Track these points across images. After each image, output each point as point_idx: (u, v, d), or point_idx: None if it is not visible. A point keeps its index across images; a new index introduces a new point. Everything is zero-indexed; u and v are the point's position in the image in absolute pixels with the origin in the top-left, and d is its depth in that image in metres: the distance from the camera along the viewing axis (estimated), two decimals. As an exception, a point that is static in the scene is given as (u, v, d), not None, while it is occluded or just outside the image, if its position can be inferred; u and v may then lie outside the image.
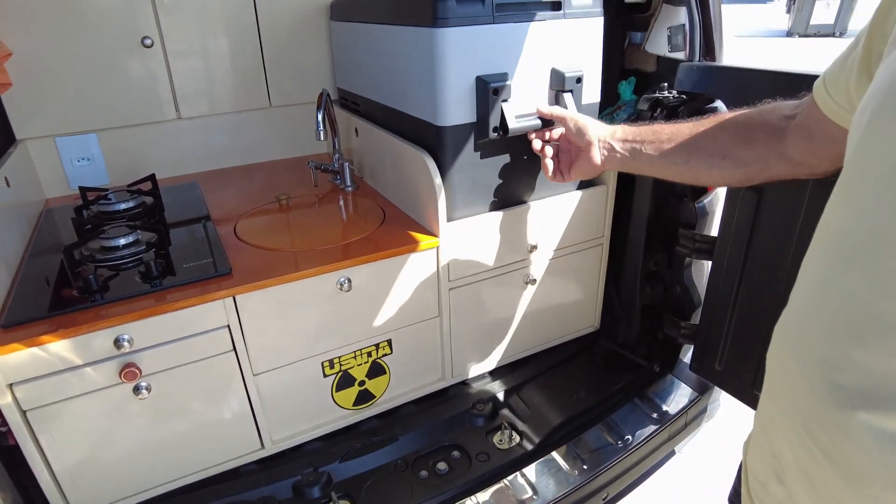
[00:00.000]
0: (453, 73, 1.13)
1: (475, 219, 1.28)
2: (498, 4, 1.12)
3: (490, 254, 1.34)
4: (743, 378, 1.36)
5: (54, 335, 0.97)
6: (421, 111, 1.23)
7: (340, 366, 1.28)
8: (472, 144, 1.21)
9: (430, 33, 1.11)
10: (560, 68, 1.23)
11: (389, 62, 1.34)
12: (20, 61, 1.41)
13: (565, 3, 1.20)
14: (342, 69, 1.73)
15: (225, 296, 1.08)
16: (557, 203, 1.39)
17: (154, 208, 1.40)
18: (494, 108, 1.16)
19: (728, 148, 0.86)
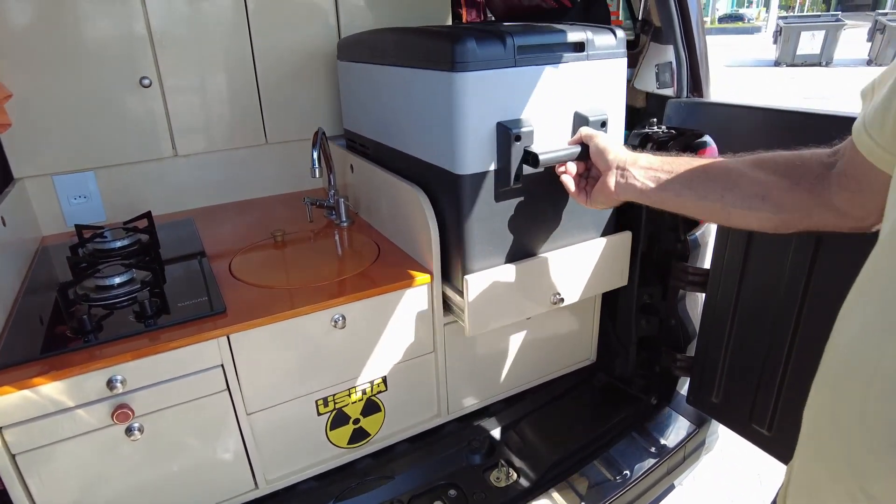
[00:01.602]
0: (473, 120, 1.07)
1: (495, 271, 1.21)
2: (520, 47, 1.06)
3: (513, 306, 1.27)
4: (740, 411, 1.35)
5: (47, 377, 0.96)
6: (438, 158, 1.17)
7: (335, 404, 1.27)
8: (493, 193, 1.15)
9: (449, 78, 1.05)
10: (584, 112, 1.17)
11: (403, 106, 1.27)
12: (19, 100, 1.43)
13: (588, 44, 1.14)
14: (350, 111, 1.66)
15: (219, 335, 1.08)
16: (581, 251, 1.31)
17: (149, 246, 1.40)
18: (516, 155, 1.10)
19: (768, 190, 0.78)
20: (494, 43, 1.05)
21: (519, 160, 1.10)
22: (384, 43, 1.34)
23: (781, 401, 1.26)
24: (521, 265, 1.23)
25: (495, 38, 1.05)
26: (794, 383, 1.23)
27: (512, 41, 1.06)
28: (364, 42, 1.47)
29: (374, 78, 1.40)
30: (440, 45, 1.07)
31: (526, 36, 1.08)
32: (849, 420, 0.48)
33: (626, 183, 0.95)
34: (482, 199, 1.14)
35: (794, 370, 1.22)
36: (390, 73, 1.30)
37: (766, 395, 1.28)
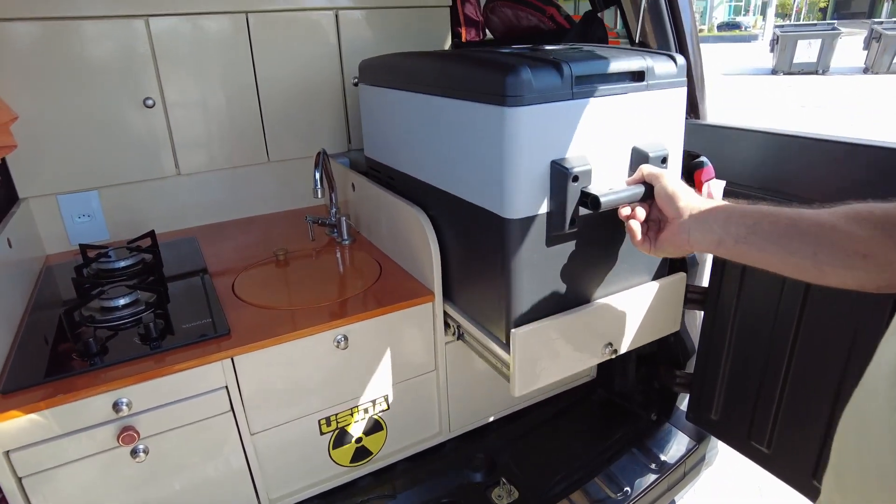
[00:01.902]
0: (525, 159, 0.95)
1: (546, 323, 1.08)
2: (578, 77, 0.95)
3: (563, 360, 1.13)
4: (739, 428, 1.36)
5: (54, 400, 0.97)
6: (483, 199, 1.04)
7: (337, 423, 1.28)
8: (544, 238, 1.02)
9: (500, 113, 0.93)
10: (643, 147, 1.05)
11: (442, 139, 1.14)
12: (24, 121, 1.44)
13: (648, 72, 1.03)
14: (373, 138, 1.52)
15: (223, 357, 1.09)
16: (634, 296, 1.19)
17: (153, 266, 1.42)
18: (572, 196, 0.98)
19: (871, 247, 0.70)
20: (551, 73, 0.93)
21: (575, 202, 0.99)
22: (421, 69, 1.21)
23: (780, 418, 1.27)
24: (573, 315, 1.10)
25: (552, 68, 0.94)
26: (792, 401, 1.24)
27: (570, 70, 0.94)
28: (395, 66, 1.33)
29: (407, 106, 1.26)
30: (490, 76, 0.95)
31: (584, 64, 0.96)
32: (891, 456, 0.46)
33: (702, 235, 0.86)
34: (532, 244, 1.01)
35: (792, 388, 1.23)
36: (427, 102, 1.16)
37: (764, 413, 1.29)
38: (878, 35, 12.09)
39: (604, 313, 1.15)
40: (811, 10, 40.34)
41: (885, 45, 11.84)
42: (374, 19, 1.85)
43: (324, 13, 1.77)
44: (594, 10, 1.56)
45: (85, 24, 1.48)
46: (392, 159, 1.41)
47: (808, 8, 39.64)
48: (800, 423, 1.23)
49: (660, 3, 1.41)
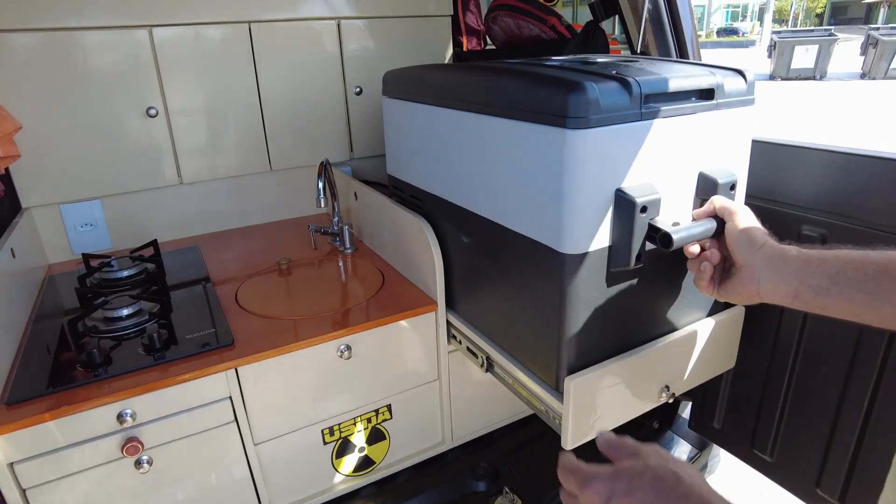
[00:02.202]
0: (589, 187, 0.85)
1: (603, 369, 0.97)
2: (647, 95, 0.85)
3: (619, 407, 1.03)
4: (741, 436, 1.36)
5: (59, 412, 0.97)
6: (536, 231, 0.93)
7: (340, 433, 1.28)
8: (604, 276, 0.92)
9: (561, 136, 0.82)
10: (710, 173, 0.95)
11: (486, 162, 1.03)
12: (27, 131, 1.45)
13: (718, 90, 0.93)
14: (398, 156, 1.39)
15: (228, 368, 1.09)
16: (691, 335, 1.09)
17: (156, 275, 1.42)
18: (640, 229, 0.88)
19: None
20: (618, 90, 0.83)
21: (643, 236, 0.89)
22: (463, 83, 1.08)
23: (782, 426, 1.27)
24: (632, 358, 1.00)
25: (619, 85, 0.84)
26: (794, 409, 1.25)
27: (639, 88, 0.84)
28: (429, 79, 1.20)
29: (442, 123, 1.14)
30: (549, 93, 0.84)
31: (653, 80, 0.86)
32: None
33: (774, 286, 0.78)
34: (591, 282, 0.91)
35: (795, 396, 1.23)
36: (469, 120, 1.04)
37: (767, 421, 1.30)
38: (874, 41, 12.17)
39: (662, 354, 1.05)
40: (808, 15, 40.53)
41: (881, 51, 11.91)
42: (375, 29, 1.86)
43: (326, 23, 1.77)
44: (595, 20, 1.57)
45: (88, 34, 1.49)
46: (420, 179, 1.30)
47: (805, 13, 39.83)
48: (803, 431, 1.24)
49: (661, 12, 1.42)
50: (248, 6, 1.65)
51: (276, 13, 1.70)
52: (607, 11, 1.54)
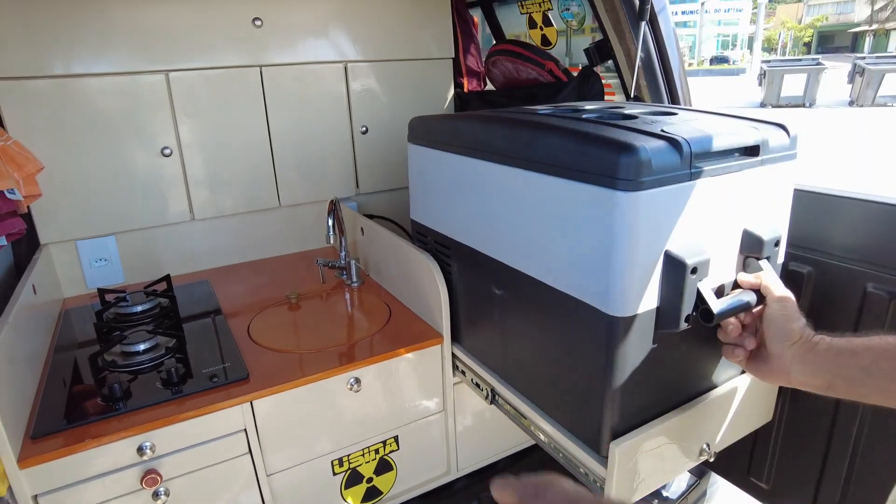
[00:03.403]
0: (639, 249, 0.82)
1: (648, 431, 0.95)
2: (696, 155, 0.83)
3: (661, 469, 1.01)
4: (738, 463, 1.40)
5: (82, 445, 1.01)
6: (581, 291, 0.90)
7: (349, 464, 1.32)
8: (651, 337, 0.90)
9: (611, 197, 0.80)
10: (755, 230, 0.94)
11: (526, 217, 0.99)
12: (46, 171, 1.50)
13: (763, 146, 0.92)
14: (423, 202, 1.36)
15: (243, 401, 1.14)
16: (730, 391, 1.08)
17: (170, 310, 1.47)
18: (688, 289, 0.85)
19: None
20: (669, 151, 0.81)
21: (694, 297, 0.86)
22: (501, 135, 1.05)
23: (778, 453, 1.32)
24: (676, 419, 0.98)
25: (669, 144, 0.81)
26: (789, 436, 1.29)
27: (689, 147, 0.82)
28: (462, 129, 1.16)
29: (477, 175, 1.11)
30: (600, 153, 0.82)
31: (700, 139, 0.84)
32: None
33: (806, 377, 0.79)
34: (638, 344, 0.89)
35: (789, 423, 1.28)
36: (509, 174, 1.01)
37: (763, 449, 1.34)
38: (861, 69, 12.47)
39: (703, 412, 1.04)
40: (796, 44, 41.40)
41: (868, 79, 12.20)
42: (381, 71, 1.94)
43: (334, 66, 1.86)
44: (591, 65, 1.66)
45: (107, 78, 1.57)
46: (447, 227, 1.27)
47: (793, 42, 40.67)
48: (798, 458, 1.28)
49: (652, 60, 1.50)
50: (259, 51, 1.74)
51: (286, 57, 1.78)
52: (602, 57, 1.63)
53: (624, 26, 1.50)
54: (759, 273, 0.91)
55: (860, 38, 36.19)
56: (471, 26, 2.14)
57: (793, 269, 1.18)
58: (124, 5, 1.54)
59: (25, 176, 1.40)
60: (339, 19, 1.84)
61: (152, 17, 1.58)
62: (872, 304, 1.06)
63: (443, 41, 2.03)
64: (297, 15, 1.77)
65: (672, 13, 1.51)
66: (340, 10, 1.83)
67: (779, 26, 43.63)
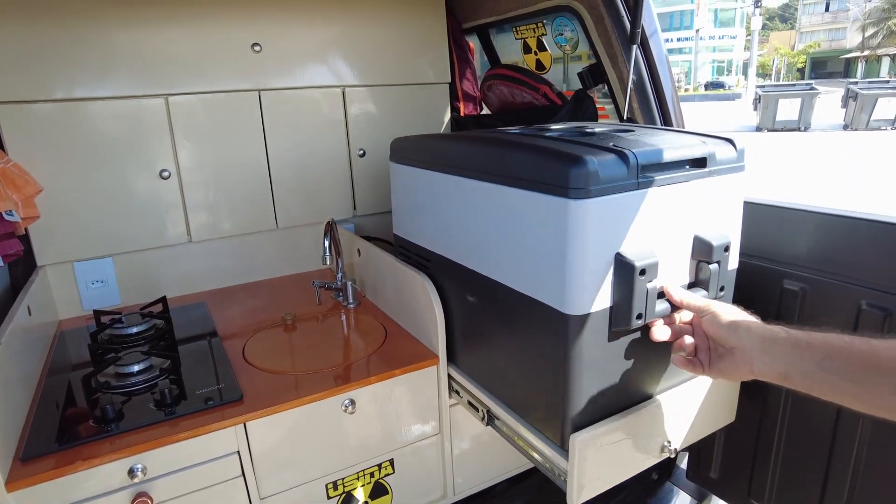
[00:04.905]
0: (590, 253, 0.90)
1: (608, 425, 1.01)
2: (643, 166, 0.91)
3: (623, 463, 1.07)
4: (739, 486, 1.39)
5: (72, 467, 1.00)
6: (539, 292, 0.98)
7: (343, 487, 1.30)
8: (606, 335, 0.97)
9: (564, 205, 0.88)
10: (705, 236, 1.02)
11: (492, 227, 1.08)
12: (44, 193, 1.52)
13: (710, 158, 1.00)
14: (405, 218, 1.45)
15: (237, 423, 1.13)
16: (691, 389, 1.14)
17: (165, 332, 1.46)
18: (638, 290, 0.92)
19: None
20: (616, 162, 0.89)
21: (644, 296, 0.93)
22: (470, 153, 1.15)
23: (778, 476, 1.30)
24: (635, 414, 1.04)
25: (617, 157, 0.90)
26: (789, 458, 1.28)
27: (635, 159, 0.90)
28: (436, 148, 1.28)
29: (449, 189, 1.21)
30: (553, 165, 0.90)
31: (648, 152, 0.93)
32: None
33: (765, 366, 0.82)
34: (594, 341, 0.95)
35: (788, 445, 1.27)
36: (476, 188, 1.11)
37: (763, 470, 1.32)
38: (854, 94, 12.64)
39: (663, 409, 1.09)
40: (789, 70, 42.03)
41: (861, 104, 12.35)
42: (378, 96, 1.97)
43: (332, 90, 1.89)
44: (584, 88, 1.68)
45: (107, 102, 1.59)
46: (426, 240, 1.35)
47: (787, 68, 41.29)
48: (798, 480, 1.26)
49: (644, 81, 1.53)
50: (258, 76, 1.76)
51: (284, 82, 1.81)
52: (595, 80, 1.65)
53: (616, 50, 1.53)
54: (683, 294, 0.96)
55: (853, 63, 36.78)
56: (467, 52, 2.17)
57: (787, 286, 1.19)
58: (125, 30, 1.57)
59: (24, 198, 1.42)
60: (337, 45, 1.87)
61: (153, 41, 1.61)
62: (867, 322, 1.06)
63: (439, 66, 2.06)
64: (295, 40, 1.80)
65: (667, 40, 1.54)
66: (339, 35, 1.87)
67: (772, 52, 44.39)
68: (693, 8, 36.61)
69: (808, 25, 44.89)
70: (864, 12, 33.21)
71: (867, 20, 32.34)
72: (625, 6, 1.48)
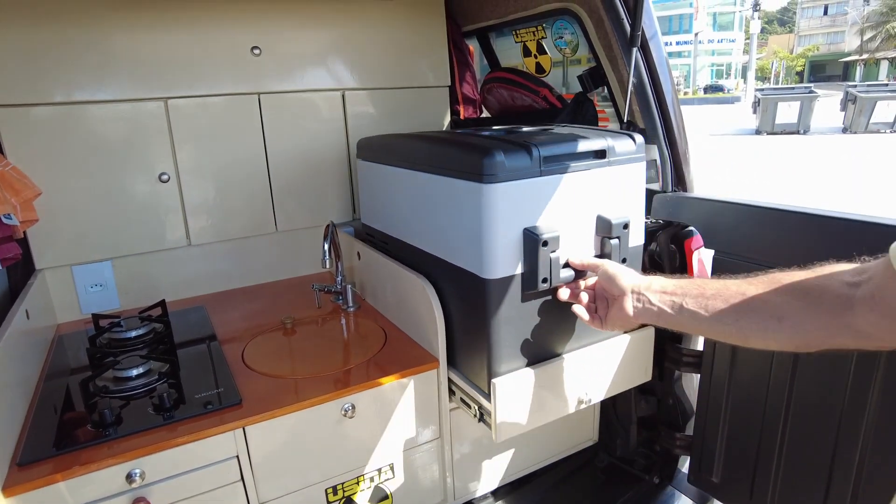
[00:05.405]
0: (501, 227, 1.09)
1: (522, 373, 1.19)
2: (545, 157, 1.10)
3: (540, 408, 1.24)
4: (740, 490, 1.38)
5: (69, 472, 0.99)
6: (463, 261, 1.18)
7: (344, 492, 1.29)
8: (519, 296, 1.15)
9: (478, 188, 1.07)
10: (606, 215, 1.19)
11: (428, 209, 1.29)
12: (43, 196, 1.51)
13: (609, 151, 1.18)
14: (369, 207, 1.67)
15: (236, 427, 1.12)
16: (605, 349, 1.30)
17: (165, 335, 1.46)
18: (543, 259, 1.11)
19: (785, 311, 0.77)
20: (521, 155, 1.08)
21: (548, 264, 1.11)
22: (413, 149, 1.37)
23: (780, 479, 1.29)
24: (548, 366, 1.22)
25: (522, 150, 1.09)
26: (791, 461, 1.27)
27: (538, 152, 1.09)
28: (389, 146, 1.50)
29: (400, 180, 1.42)
30: (470, 157, 1.10)
31: (551, 146, 1.11)
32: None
33: (644, 307, 0.96)
34: (509, 301, 1.14)
35: (790, 448, 1.26)
36: (417, 177, 1.31)
37: (764, 474, 1.32)
38: (853, 97, 12.65)
39: (578, 365, 1.27)
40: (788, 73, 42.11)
41: (860, 107, 12.37)
42: (378, 99, 1.97)
43: (331, 94, 1.89)
44: (584, 91, 1.68)
45: (107, 106, 1.59)
46: (386, 226, 1.56)
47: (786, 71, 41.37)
48: (800, 483, 1.25)
49: (644, 83, 1.52)
50: (258, 79, 1.76)
51: (284, 85, 1.80)
52: (595, 83, 1.65)
53: (616, 53, 1.53)
54: (582, 258, 1.15)
55: (851, 67, 36.84)
56: (467, 55, 2.17)
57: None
58: (125, 33, 1.57)
59: (23, 201, 1.41)
60: (336, 48, 1.87)
61: (152, 44, 1.60)
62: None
63: (439, 70, 2.06)
64: (295, 43, 1.80)
65: (667, 43, 1.54)
66: (338, 38, 1.86)
67: (771, 56, 44.49)
68: (692, 12, 36.73)
69: (807, 29, 45.00)
70: (862, 16, 33.28)
71: (866, 24, 32.41)
72: (625, 9, 1.47)
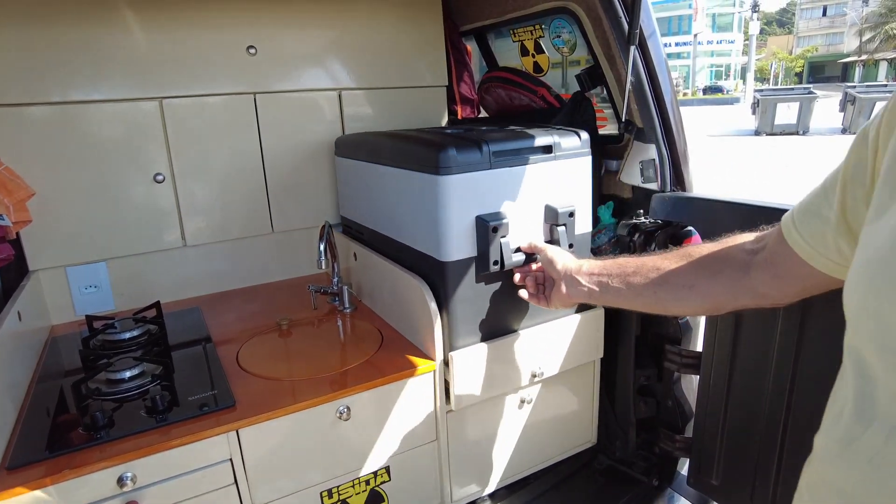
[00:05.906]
0: (455, 214, 1.22)
1: (477, 347, 1.31)
2: (494, 152, 1.23)
3: (496, 381, 1.36)
4: (740, 492, 1.36)
5: (59, 476, 0.98)
6: (424, 246, 1.31)
7: (339, 495, 1.27)
8: (474, 277, 1.27)
9: (434, 180, 1.21)
10: (553, 204, 1.32)
11: (394, 200, 1.43)
12: (37, 197, 1.50)
13: (556, 146, 1.31)
14: (346, 200, 1.82)
15: (229, 430, 1.11)
16: (557, 327, 1.42)
17: (159, 337, 1.44)
18: (494, 243, 1.23)
19: (693, 280, 0.89)
20: (473, 150, 1.21)
21: (498, 248, 1.24)
22: (379, 146, 1.51)
23: (780, 482, 1.28)
24: (502, 341, 1.35)
25: (473, 146, 1.22)
26: (791, 463, 1.25)
27: (488, 148, 1.22)
28: (361, 143, 1.64)
29: (370, 174, 1.56)
30: (426, 152, 1.23)
31: (500, 143, 1.24)
32: None
33: (576, 289, 1.08)
34: (465, 282, 1.27)
35: (791, 450, 1.24)
36: (384, 171, 1.46)
37: (764, 476, 1.30)
38: (852, 98, 12.65)
39: (531, 342, 1.39)
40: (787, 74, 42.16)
41: (859, 108, 12.36)
42: (375, 98, 1.96)
43: (328, 93, 1.87)
44: (582, 91, 1.67)
45: (101, 106, 1.57)
46: (360, 216, 1.71)
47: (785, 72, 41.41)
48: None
49: (643, 82, 1.51)
50: (254, 78, 1.75)
51: (280, 85, 1.79)
52: (593, 82, 1.64)
53: (614, 51, 1.51)
54: (529, 242, 1.26)
55: (850, 67, 36.88)
56: (464, 55, 2.16)
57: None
58: (120, 33, 1.56)
59: (16, 202, 1.40)
60: (333, 47, 1.86)
61: (147, 44, 1.59)
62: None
63: (437, 69, 2.05)
64: (291, 43, 1.79)
65: (666, 44, 1.53)
66: (335, 38, 1.85)
67: (770, 57, 44.53)
68: (691, 13, 36.76)
69: (806, 30, 45.06)
70: (861, 17, 33.33)
71: (864, 24, 32.45)
72: (623, 7, 1.46)
